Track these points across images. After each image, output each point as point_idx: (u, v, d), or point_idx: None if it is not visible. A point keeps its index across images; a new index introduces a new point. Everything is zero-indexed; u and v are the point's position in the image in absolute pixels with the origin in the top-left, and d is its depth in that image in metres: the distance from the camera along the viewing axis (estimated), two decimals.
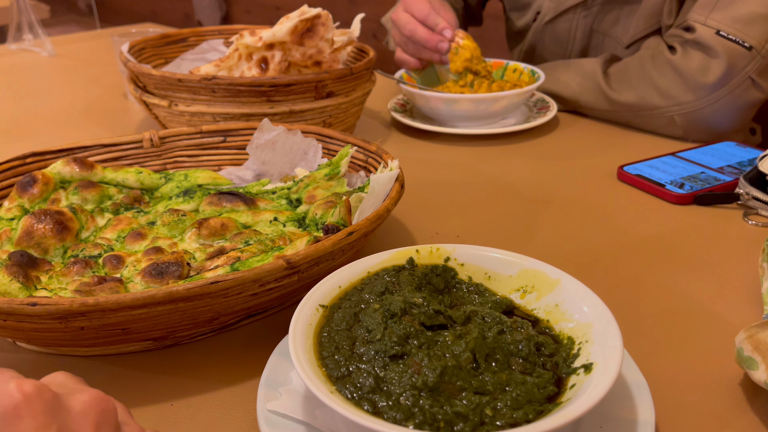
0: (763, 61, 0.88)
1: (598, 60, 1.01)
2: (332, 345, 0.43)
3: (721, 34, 0.88)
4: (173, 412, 0.46)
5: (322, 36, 0.93)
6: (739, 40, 0.87)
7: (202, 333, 0.53)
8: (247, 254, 0.55)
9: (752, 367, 0.44)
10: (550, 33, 1.16)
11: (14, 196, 0.67)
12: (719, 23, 0.89)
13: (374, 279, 0.49)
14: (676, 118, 0.94)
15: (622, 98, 0.97)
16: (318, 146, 0.74)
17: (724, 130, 0.94)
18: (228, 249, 0.58)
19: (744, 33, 0.87)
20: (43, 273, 0.57)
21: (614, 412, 0.42)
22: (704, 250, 0.66)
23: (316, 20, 0.93)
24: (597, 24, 1.09)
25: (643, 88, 0.95)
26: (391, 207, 0.58)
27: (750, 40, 0.87)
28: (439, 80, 1.12)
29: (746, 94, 0.90)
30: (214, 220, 0.62)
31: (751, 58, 0.88)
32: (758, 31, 0.87)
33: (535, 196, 0.80)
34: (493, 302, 0.48)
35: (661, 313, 0.56)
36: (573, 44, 1.13)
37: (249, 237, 0.60)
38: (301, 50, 0.94)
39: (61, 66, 1.47)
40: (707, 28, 0.89)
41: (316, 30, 0.93)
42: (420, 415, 0.37)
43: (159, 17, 4.52)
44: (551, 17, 1.13)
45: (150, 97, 0.88)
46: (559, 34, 1.14)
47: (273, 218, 0.64)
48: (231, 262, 0.54)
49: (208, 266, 0.55)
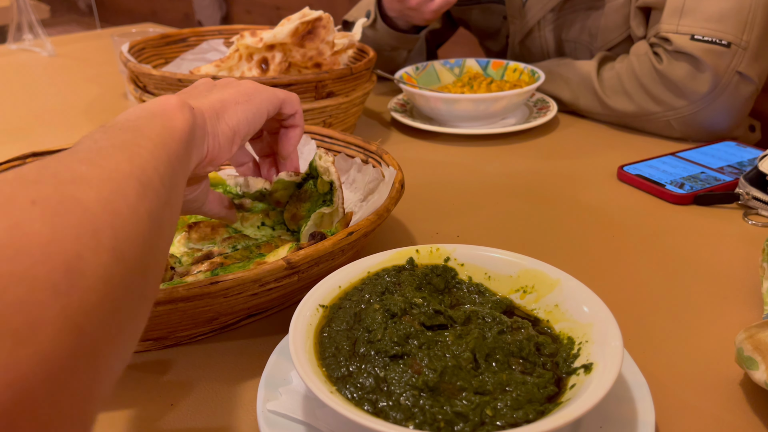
0: (745, 53, 0.87)
1: (594, 62, 1.01)
2: (332, 345, 0.43)
3: (696, 38, 0.87)
4: (173, 412, 0.46)
5: (323, 38, 0.93)
6: (715, 40, 0.87)
7: (202, 333, 0.53)
8: (231, 260, 0.55)
9: (752, 367, 0.44)
10: (526, 50, 1.19)
11: None
12: (691, 27, 0.88)
13: (374, 279, 0.49)
14: (672, 122, 0.94)
15: (618, 106, 0.98)
16: (313, 143, 0.74)
17: (722, 129, 0.94)
18: (215, 254, 0.58)
19: (718, 31, 0.87)
20: None
21: (614, 412, 0.42)
22: (704, 250, 0.66)
23: (318, 23, 0.93)
24: (565, 34, 1.11)
25: (637, 96, 0.95)
26: (391, 207, 0.58)
27: (726, 36, 0.87)
28: (439, 80, 1.12)
29: (738, 90, 0.90)
30: (204, 224, 0.62)
31: (732, 55, 0.87)
32: (731, 25, 0.86)
33: (535, 196, 0.80)
34: (493, 302, 0.48)
35: (661, 313, 0.56)
36: (550, 56, 1.15)
37: (237, 242, 0.60)
38: (302, 51, 0.94)
39: (61, 66, 1.47)
40: (681, 36, 0.89)
41: (317, 32, 0.93)
42: (420, 415, 0.37)
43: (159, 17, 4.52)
44: (520, 39, 1.16)
45: (150, 97, 0.88)
46: (533, 50, 1.17)
47: (260, 223, 0.64)
48: (213, 267, 0.54)
49: (193, 271, 0.55)
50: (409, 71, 1.09)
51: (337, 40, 0.96)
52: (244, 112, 0.50)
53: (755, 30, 0.87)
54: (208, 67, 0.96)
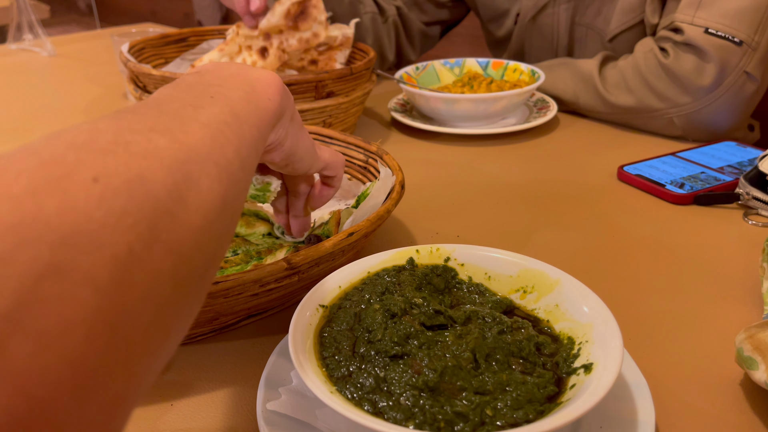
0: (755, 53, 0.87)
1: (595, 61, 1.01)
2: (333, 345, 0.43)
3: (710, 31, 0.87)
4: (173, 412, 0.46)
5: (315, 17, 0.95)
6: (728, 36, 0.87)
7: (202, 333, 0.53)
8: (230, 264, 0.55)
9: (752, 367, 0.44)
10: (535, 30, 1.16)
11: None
12: (706, 21, 0.88)
13: (375, 279, 0.49)
14: (675, 119, 0.94)
15: (620, 101, 0.97)
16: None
17: (724, 128, 0.94)
18: None
19: (732, 28, 0.87)
20: None
21: (614, 412, 0.42)
22: (704, 250, 0.66)
23: (308, 2, 0.95)
24: (579, 17, 1.09)
25: (640, 92, 0.95)
26: (392, 207, 0.58)
27: (739, 34, 0.87)
28: (439, 80, 1.12)
29: (743, 89, 0.90)
30: None
31: (742, 53, 0.87)
32: (746, 23, 0.87)
33: (535, 196, 0.80)
34: (493, 302, 0.48)
35: (661, 313, 0.56)
36: (558, 38, 1.13)
37: (238, 246, 0.60)
38: (297, 36, 0.95)
39: (61, 66, 1.47)
40: (695, 27, 0.89)
41: (308, 12, 0.95)
42: (420, 415, 0.37)
43: (159, 17, 4.52)
44: (533, 14, 1.14)
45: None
46: (543, 29, 1.14)
47: (267, 233, 0.64)
48: None
49: None
50: (409, 71, 1.09)
51: (332, 32, 0.98)
52: (306, 147, 0.47)
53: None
54: (212, 53, 0.97)
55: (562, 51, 1.14)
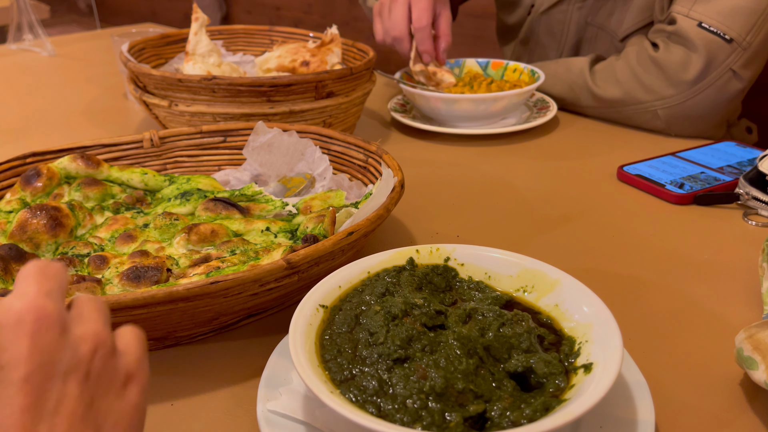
0: (744, 53, 0.88)
1: (586, 59, 1.02)
2: (334, 348, 0.43)
3: (703, 26, 0.88)
4: (173, 412, 0.46)
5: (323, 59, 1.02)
6: (720, 32, 0.87)
7: (202, 333, 0.53)
8: (227, 264, 0.55)
9: (752, 367, 0.44)
10: (545, 24, 1.16)
11: (17, 188, 0.67)
12: (702, 15, 0.89)
13: (374, 280, 0.49)
14: (659, 112, 0.94)
15: (608, 94, 0.98)
16: (315, 147, 0.74)
17: (706, 123, 0.95)
18: (213, 257, 0.58)
19: (725, 25, 0.87)
20: None
21: (614, 412, 0.42)
22: (704, 250, 0.66)
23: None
24: (592, 17, 1.09)
25: (628, 84, 0.96)
26: (391, 207, 0.58)
27: (731, 32, 0.87)
28: None
29: (727, 86, 0.90)
30: (205, 226, 0.61)
31: (731, 51, 0.88)
32: (740, 23, 0.87)
33: (535, 196, 0.80)
34: (493, 298, 0.48)
35: (661, 313, 0.56)
36: (567, 37, 1.13)
37: (236, 246, 0.59)
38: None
39: (61, 66, 1.47)
40: (689, 19, 0.89)
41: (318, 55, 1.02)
42: (428, 417, 0.37)
43: (159, 17, 4.52)
44: (546, 7, 1.14)
45: (150, 97, 0.88)
46: (553, 25, 1.14)
47: (265, 227, 0.63)
48: (209, 270, 0.54)
49: (189, 273, 0.55)
50: (409, 71, 1.09)
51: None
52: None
53: (761, 34, 0.87)
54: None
55: (568, 50, 1.14)
